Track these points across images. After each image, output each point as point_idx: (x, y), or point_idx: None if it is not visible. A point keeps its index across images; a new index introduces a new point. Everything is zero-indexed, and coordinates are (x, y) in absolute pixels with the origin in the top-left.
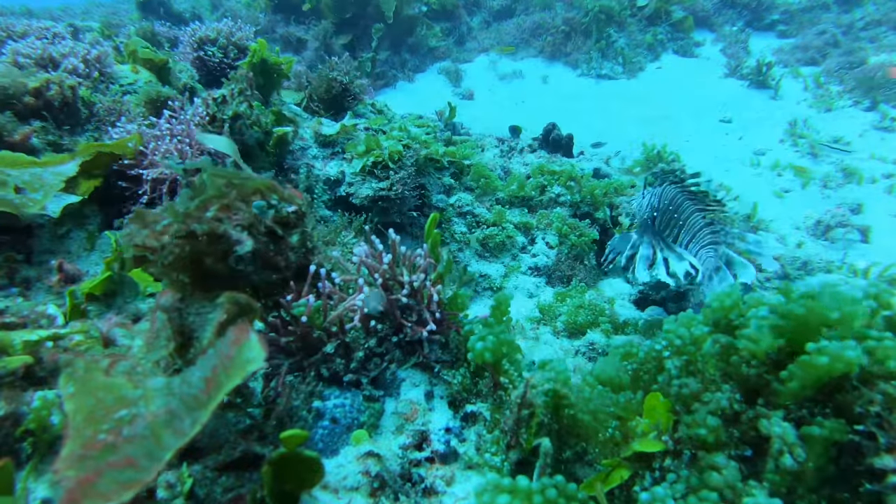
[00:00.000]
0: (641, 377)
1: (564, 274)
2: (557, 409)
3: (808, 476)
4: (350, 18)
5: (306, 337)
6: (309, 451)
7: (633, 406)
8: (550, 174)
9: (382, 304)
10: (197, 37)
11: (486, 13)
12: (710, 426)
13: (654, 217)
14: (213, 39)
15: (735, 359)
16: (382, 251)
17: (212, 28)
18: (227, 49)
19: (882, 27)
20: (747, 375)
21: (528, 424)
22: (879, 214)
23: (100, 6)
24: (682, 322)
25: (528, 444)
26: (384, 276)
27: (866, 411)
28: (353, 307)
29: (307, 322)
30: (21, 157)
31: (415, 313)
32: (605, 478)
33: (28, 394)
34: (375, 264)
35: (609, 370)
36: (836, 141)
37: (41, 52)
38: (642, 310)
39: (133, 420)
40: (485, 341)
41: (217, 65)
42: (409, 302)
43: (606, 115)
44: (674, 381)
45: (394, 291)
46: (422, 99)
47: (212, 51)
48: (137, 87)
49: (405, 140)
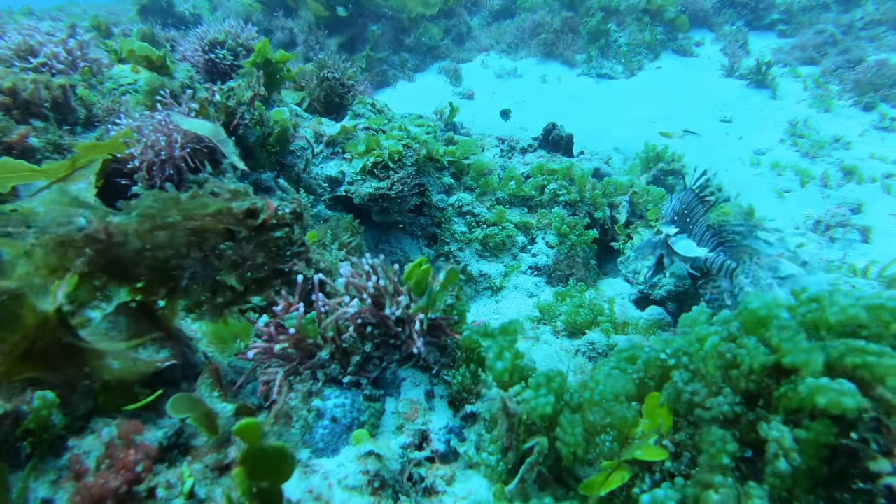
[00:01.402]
0: (647, 383)
1: (564, 273)
2: (552, 427)
3: (803, 477)
4: (347, 18)
5: (300, 344)
6: (275, 443)
7: (633, 419)
8: (550, 174)
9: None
10: (207, 40)
11: (486, 13)
12: (714, 438)
13: (675, 220)
14: (222, 42)
15: (734, 372)
16: (369, 271)
17: (220, 30)
18: (236, 51)
19: (882, 26)
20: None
21: (517, 431)
22: (880, 214)
23: (99, 6)
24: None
25: (518, 450)
26: (372, 295)
27: (859, 417)
28: (345, 315)
29: (298, 333)
30: (21, 164)
31: (407, 327)
32: (605, 479)
33: (27, 393)
34: (362, 284)
35: (617, 385)
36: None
37: (20, 42)
38: (642, 310)
39: None
40: (503, 360)
41: (228, 67)
42: (400, 315)
43: (606, 115)
44: (684, 389)
45: (385, 307)
46: (422, 98)
47: (222, 53)
48: (138, 87)
49: (405, 140)
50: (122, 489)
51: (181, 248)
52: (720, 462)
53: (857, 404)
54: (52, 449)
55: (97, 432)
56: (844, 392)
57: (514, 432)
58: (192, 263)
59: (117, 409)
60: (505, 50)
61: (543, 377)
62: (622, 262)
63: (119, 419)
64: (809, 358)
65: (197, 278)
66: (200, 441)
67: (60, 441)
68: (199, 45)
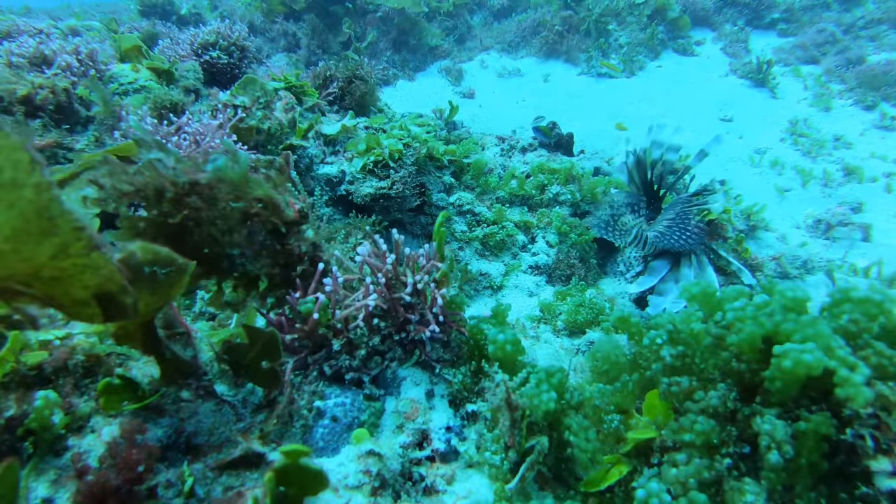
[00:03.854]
0: (640, 364)
1: (564, 273)
2: (555, 423)
3: (803, 473)
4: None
5: (312, 334)
6: (313, 465)
7: (630, 391)
8: (550, 173)
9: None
10: (197, 43)
11: (486, 12)
12: (699, 431)
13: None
14: (213, 43)
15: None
16: (386, 251)
17: (210, 31)
18: (229, 50)
19: (882, 25)
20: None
21: (520, 427)
22: (880, 213)
23: (100, 5)
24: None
25: (520, 448)
26: (387, 276)
27: (856, 413)
28: (366, 307)
29: (317, 319)
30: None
31: (417, 312)
32: (605, 473)
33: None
34: (378, 264)
35: (606, 346)
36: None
37: (34, 50)
38: (642, 309)
39: None
40: (505, 334)
41: (226, 66)
42: (412, 301)
43: (607, 114)
44: (665, 380)
45: (397, 290)
46: (423, 98)
47: (216, 54)
48: (138, 86)
49: (406, 139)
50: (123, 488)
51: (234, 225)
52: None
53: (817, 360)
54: (52, 448)
55: (97, 431)
56: (805, 350)
57: (517, 427)
58: (240, 244)
59: (118, 408)
60: (505, 49)
61: (544, 372)
62: (622, 261)
63: (120, 418)
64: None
65: (236, 263)
66: (201, 440)
67: (60, 440)
68: (190, 50)
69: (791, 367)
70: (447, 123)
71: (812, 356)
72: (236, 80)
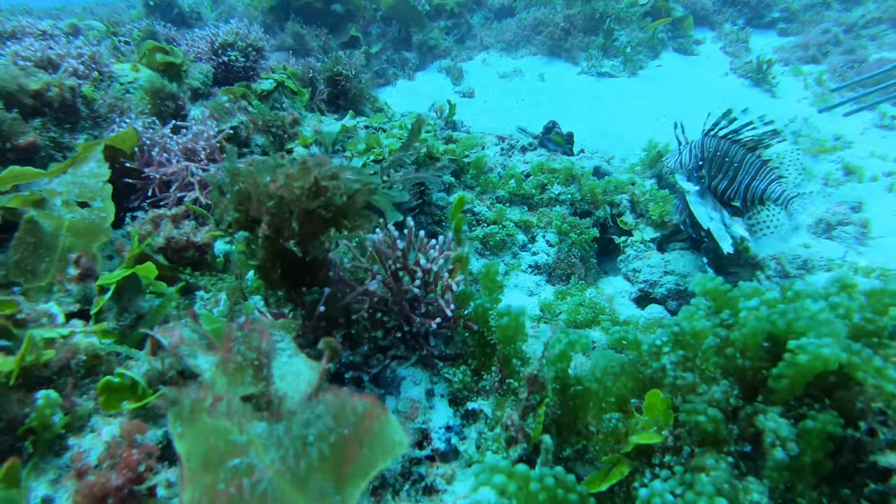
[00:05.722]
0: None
1: (564, 272)
2: (564, 390)
3: (807, 472)
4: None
5: (317, 328)
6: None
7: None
8: (550, 172)
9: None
10: (218, 43)
11: (486, 11)
12: (711, 415)
13: (700, 165)
14: (232, 43)
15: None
16: (397, 237)
17: (228, 31)
18: (246, 52)
19: (883, 25)
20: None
21: (536, 412)
22: (881, 213)
23: (99, 5)
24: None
25: (536, 434)
26: (395, 265)
27: (867, 407)
28: (365, 291)
29: (324, 312)
30: (28, 170)
31: (423, 305)
32: (606, 474)
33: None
34: (388, 251)
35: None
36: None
37: (41, 54)
38: (643, 308)
39: (250, 472)
40: (511, 306)
41: (241, 69)
42: (418, 293)
43: (607, 113)
44: (671, 373)
45: (404, 282)
46: (423, 97)
47: (234, 55)
48: (139, 86)
49: (406, 138)
50: (123, 488)
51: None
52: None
53: (836, 353)
54: (52, 448)
55: (97, 431)
56: (822, 344)
57: (530, 413)
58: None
59: (118, 407)
60: (505, 48)
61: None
62: (622, 261)
63: (120, 418)
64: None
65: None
66: None
67: (60, 440)
68: (209, 49)
69: (807, 361)
70: (447, 123)
71: (830, 349)
72: (249, 82)
